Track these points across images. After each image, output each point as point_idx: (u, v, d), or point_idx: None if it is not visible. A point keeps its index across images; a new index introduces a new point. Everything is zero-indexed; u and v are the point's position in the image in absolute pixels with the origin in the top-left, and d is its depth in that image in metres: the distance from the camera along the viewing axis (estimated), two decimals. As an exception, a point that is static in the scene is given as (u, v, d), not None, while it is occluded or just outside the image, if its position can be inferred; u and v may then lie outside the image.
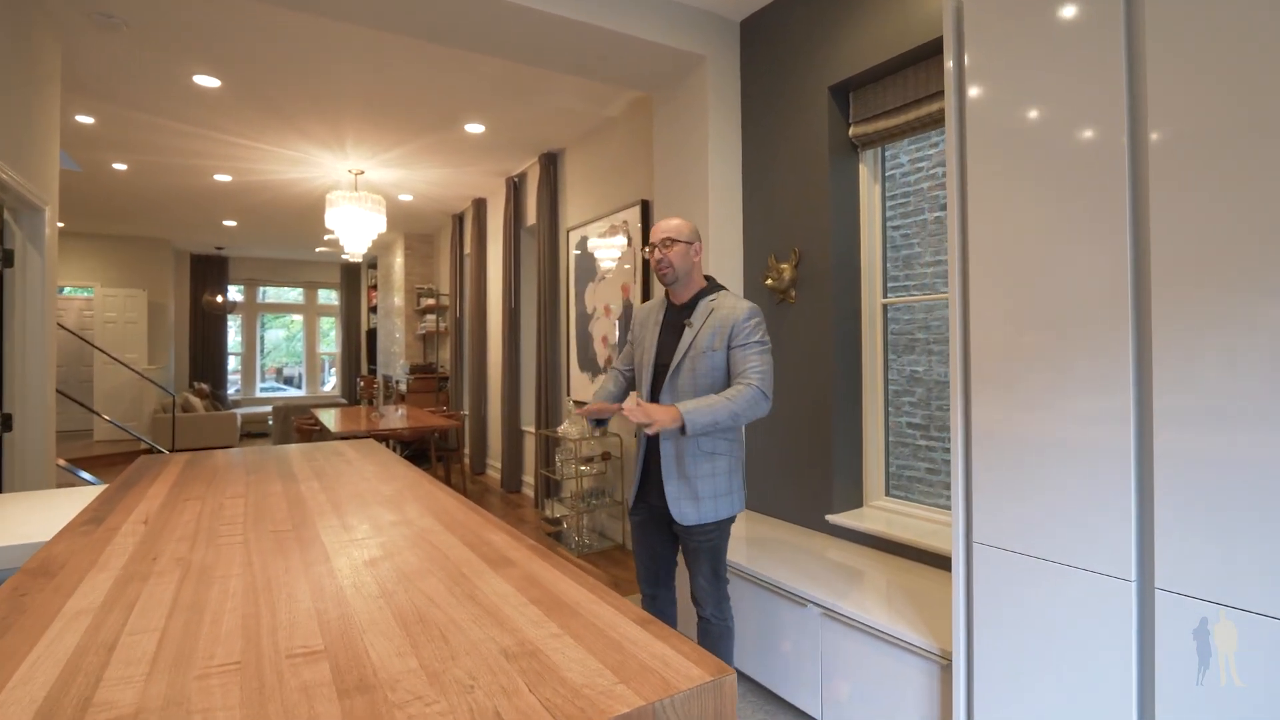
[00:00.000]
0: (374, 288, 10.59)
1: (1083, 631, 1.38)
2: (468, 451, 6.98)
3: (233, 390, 10.99)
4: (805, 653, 2.14)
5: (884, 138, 2.60)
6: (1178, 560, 1.23)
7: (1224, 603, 1.17)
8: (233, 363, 11.00)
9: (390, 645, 0.76)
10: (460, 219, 7.31)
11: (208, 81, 3.73)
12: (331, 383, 12.03)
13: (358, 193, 5.14)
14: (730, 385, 1.91)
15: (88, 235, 8.70)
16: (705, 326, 1.93)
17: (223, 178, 5.82)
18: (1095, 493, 1.36)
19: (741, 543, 2.61)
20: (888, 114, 2.55)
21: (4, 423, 2.63)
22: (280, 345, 12.03)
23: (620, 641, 0.76)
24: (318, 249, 9.99)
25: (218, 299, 10.37)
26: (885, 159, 2.74)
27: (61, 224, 8.05)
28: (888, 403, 2.72)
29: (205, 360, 10.31)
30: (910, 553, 2.39)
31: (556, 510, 4.38)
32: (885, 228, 2.74)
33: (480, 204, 6.59)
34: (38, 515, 1.81)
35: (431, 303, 8.25)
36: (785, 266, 2.85)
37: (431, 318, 8.31)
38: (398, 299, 8.92)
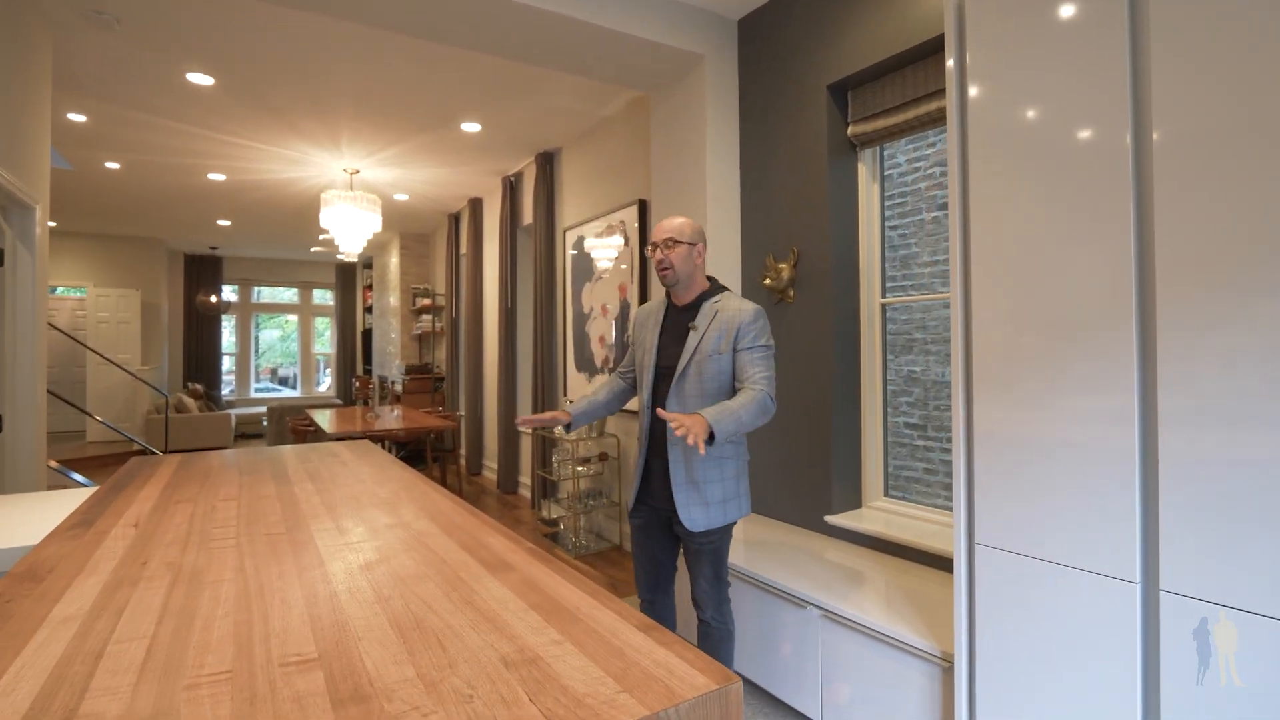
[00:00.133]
0: (369, 288, 10.55)
1: (1086, 634, 1.36)
2: (464, 452, 6.95)
3: (227, 391, 10.92)
4: (805, 655, 2.12)
5: (883, 137, 2.59)
6: (1183, 562, 1.22)
7: (1230, 605, 1.16)
8: (227, 363, 10.94)
9: (386, 653, 0.74)
10: (456, 219, 7.27)
11: (201, 79, 3.70)
12: (326, 383, 11.97)
13: (353, 192, 5.11)
14: (734, 389, 1.89)
15: (80, 235, 8.64)
16: (711, 329, 1.89)
17: (216, 177, 5.78)
18: (1098, 494, 1.35)
19: (740, 544, 2.60)
20: (886, 113, 2.54)
21: (-6, 424, 2.60)
22: (275, 345, 11.97)
23: (622, 648, 0.74)
24: (313, 249, 9.94)
25: (212, 299, 10.31)
26: (884, 158, 2.73)
27: (54, 223, 7.98)
28: (886, 403, 2.71)
29: (199, 361, 10.25)
30: (909, 553, 2.37)
31: (553, 511, 4.35)
32: (884, 227, 2.73)
33: (476, 204, 6.56)
34: (27, 518, 1.78)
35: (427, 303, 8.21)
36: (783, 266, 2.83)
37: (427, 318, 8.28)
38: (393, 299, 8.88)
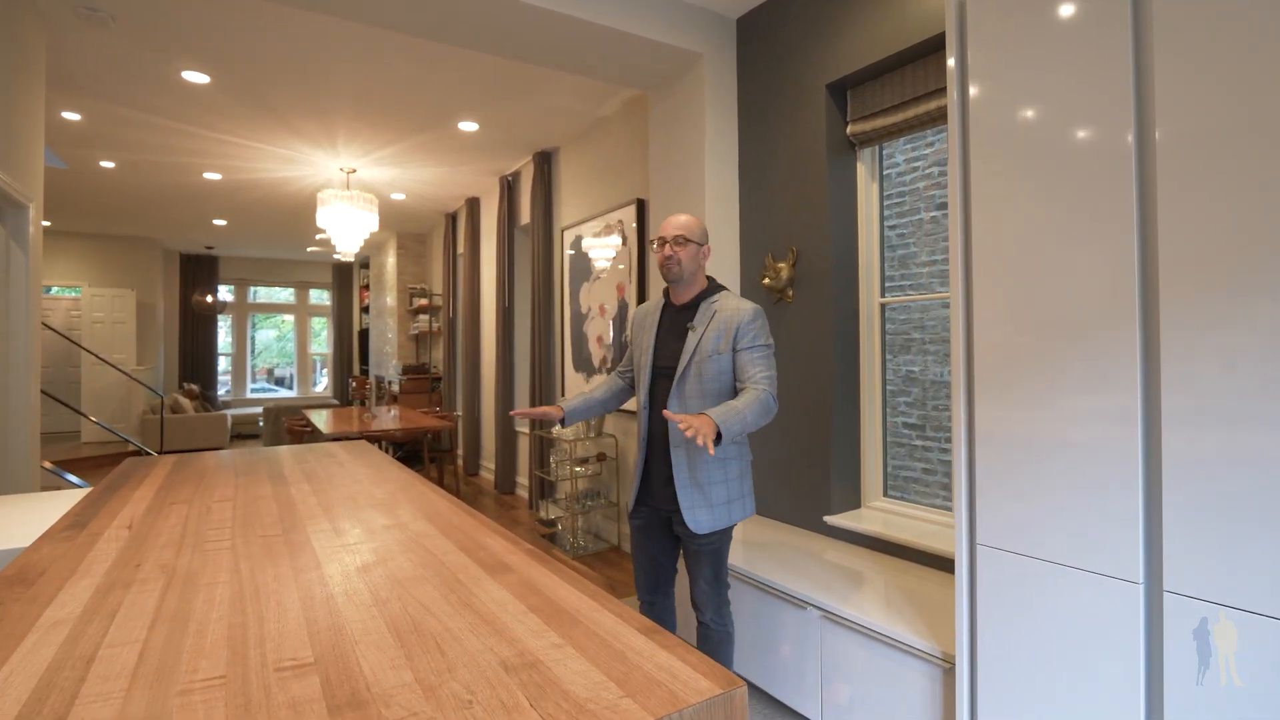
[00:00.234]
0: (366, 288, 10.52)
1: (1089, 634, 1.36)
2: (461, 453, 6.93)
3: (223, 391, 10.88)
4: (805, 656, 2.11)
5: (882, 136, 2.58)
6: (1186, 563, 1.22)
7: (1234, 605, 1.15)
8: (223, 363, 10.90)
9: (384, 657, 0.73)
10: (453, 218, 7.25)
11: (196, 77, 3.68)
12: (323, 383, 11.93)
13: (350, 191, 5.09)
14: (735, 389, 1.88)
15: (75, 234, 8.60)
16: (709, 330, 1.89)
17: (212, 176, 5.75)
18: (1101, 494, 1.34)
19: (739, 545, 2.58)
20: (885, 112, 2.53)
21: (-14, 424, 2.58)
22: (271, 346, 11.92)
23: (624, 652, 0.73)
24: (309, 248, 9.91)
25: (208, 299, 10.27)
26: (882, 158, 2.72)
27: (48, 223, 7.94)
28: (885, 403, 2.71)
29: (195, 361, 10.21)
30: (908, 554, 2.36)
31: (551, 512, 4.34)
32: (882, 227, 2.72)
33: (474, 203, 6.54)
34: (19, 519, 1.76)
35: (424, 303, 8.19)
36: (782, 266, 2.82)
37: (424, 318, 8.26)
38: (390, 299, 8.85)
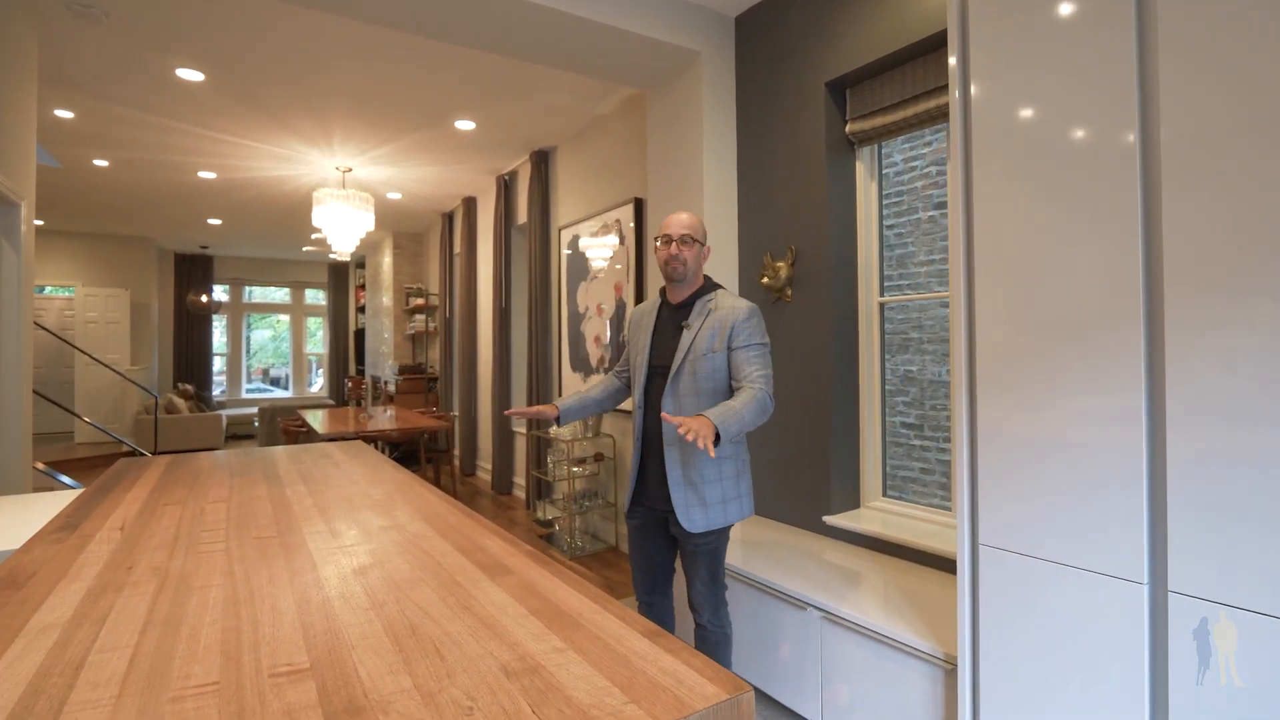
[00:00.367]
0: (362, 287, 10.48)
1: (1092, 635, 1.35)
2: (458, 453, 6.90)
3: (218, 391, 10.83)
4: (805, 657, 2.10)
5: (881, 134, 2.57)
6: (1191, 563, 1.21)
7: (1240, 606, 1.15)
8: (218, 363, 10.85)
9: (381, 662, 0.71)
10: (450, 218, 7.23)
11: (191, 75, 3.65)
12: (319, 384, 11.89)
13: (345, 190, 5.06)
14: (731, 387, 1.87)
15: (68, 234, 8.54)
16: (704, 328, 1.87)
17: (207, 175, 5.72)
18: (1104, 494, 1.33)
19: (738, 545, 2.57)
20: (885, 110, 2.52)
21: (-23, 425, 2.55)
22: (266, 346, 11.87)
23: (628, 656, 0.71)
24: (305, 248, 9.86)
25: (202, 299, 10.22)
26: (881, 156, 2.71)
27: (41, 222, 7.89)
28: (885, 403, 2.70)
29: (190, 361, 10.15)
30: (908, 554, 2.36)
31: (548, 512, 4.32)
32: (881, 226, 2.71)
33: (470, 202, 6.51)
34: (9, 521, 1.74)
35: (421, 302, 8.16)
36: (781, 265, 2.81)
37: (421, 318, 8.23)
38: (386, 299, 8.82)
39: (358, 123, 4.46)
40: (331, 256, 10.74)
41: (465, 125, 4.53)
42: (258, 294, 11.26)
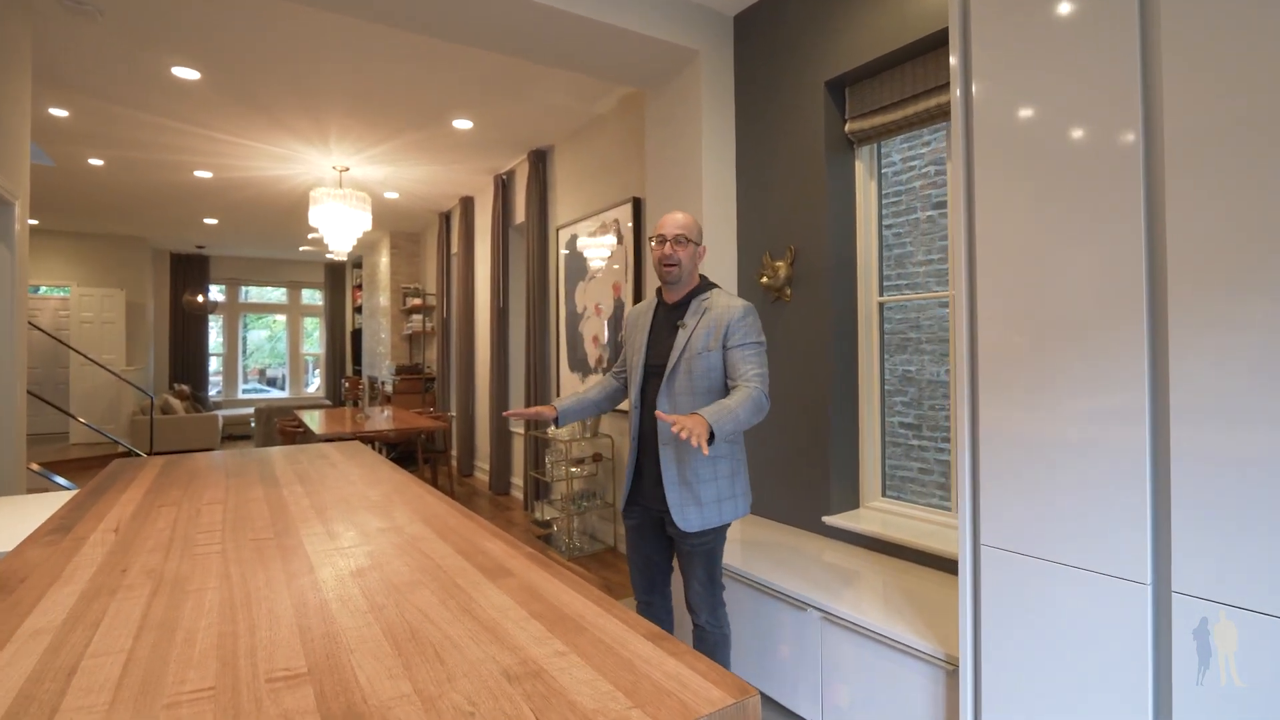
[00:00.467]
0: (359, 287, 10.45)
1: (1095, 636, 1.34)
2: (455, 453, 6.88)
3: (214, 392, 10.79)
4: (805, 658, 2.09)
5: (880, 134, 2.56)
6: (1195, 563, 1.20)
7: (1246, 607, 1.14)
8: (214, 364, 10.81)
9: (381, 667, 0.70)
10: (447, 217, 7.21)
11: (187, 73, 3.63)
12: (315, 384, 11.85)
13: (342, 190, 5.04)
14: (727, 386, 1.86)
15: (64, 233, 8.50)
16: (699, 327, 1.87)
17: (203, 174, 5.69)
18: (1107, 494, 1.32)
19: (738, 546, 2.56)
20: (884, 109, 2.51)
21: (-30, 425, 2.53)
22: (263, 346, 11.83)
23: (631, 660, 0.70)
24: (301, 248, 9.83)
25: (198, 299, 10.18)
26: (880, 156, 2.70)
27: (36, 221, 7.84)
28: (884, 402, 2.69)
29: (186, 361, 10.11)
30: (908, 554, 2.35)
31: (546, 513, 4.31)
32: (881, 225, 2.70)
33: (468, 202, 6.50)
34: (2, 523, 1.72)
35: (418, 302, 8.14)
36: (780, 264, 2.80)
37: (418, 318, 8.20)
38: (383, 299, 8.79)
39: (355, 122, 4.44)
40: (328, 256, 10.72)
41: (463, 124, 4.52)
42: (254, 294, 11.22)
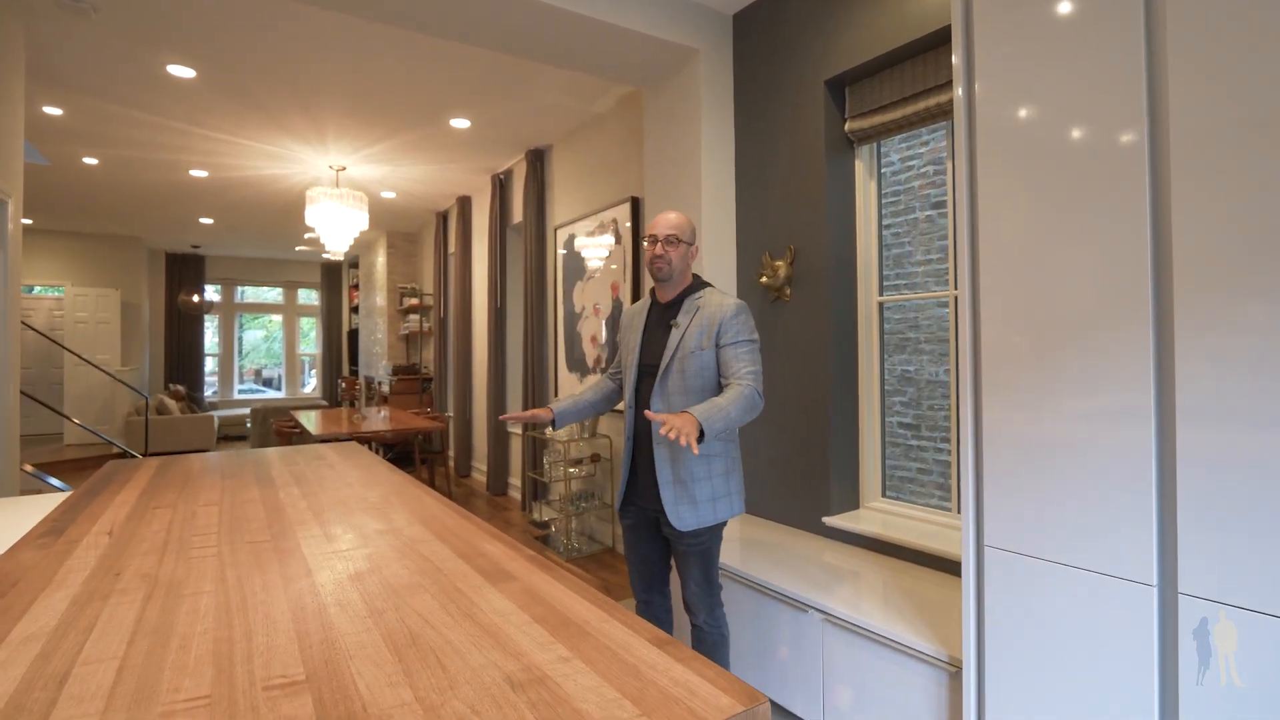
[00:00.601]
0: (355, 287, 10.42)
1: (1101, 638, 1.33)
2: (452, 454, 6.86)
3: (210, 392, 10.74)
4: (806, 660, 2.08)
5: (880, 133, 2.55)
6: (1202, 564, 1.19)
7: (1253, 609, 1.13)
8: (210, 364, 10.76)
9: (381, 673, 0.68)
10: (444, 217, 7.19)
11: (182, 72, 3.60)
12: (312, 384, 11.81)
13: (339, 189, 5.01)
14: (720, 385, 1.85)
15: (58, 233, 8.45)
16: (692, 326, 1.88)
17: (199, 173, 5.66)
18: (1113, 495, 1.31)
19: (737, 546, 2.55)
20: (885, 108, 2.50)
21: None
22: (259, 346, 11.78)
23: (637, 666, 0.69)
24: (297, 248, 9.79)
25: (194, 299, 10.13)
26: (880, 155, 2.69)
27: (30, 220, 7.80)
28: (884, 402, 2.68)
29: (181, 362, 10.06)
30: (908, 554, 2.34)
31: (544, 513, 4.29)
32: (880, 224, 2.69)
33: (465, 201, 6.48)
34: (-5, 525, 1.70)
35: (415, 302, 8.11)
36: (780, 264, 2.79)
37: (415, 318, 8.18)
38: (380, 299, 8.76)
39: (351, 121, 4.42)
40: (325, 256, 10.68)
41: (460, 124, 4.50)
42: (250, 294, 11.17)
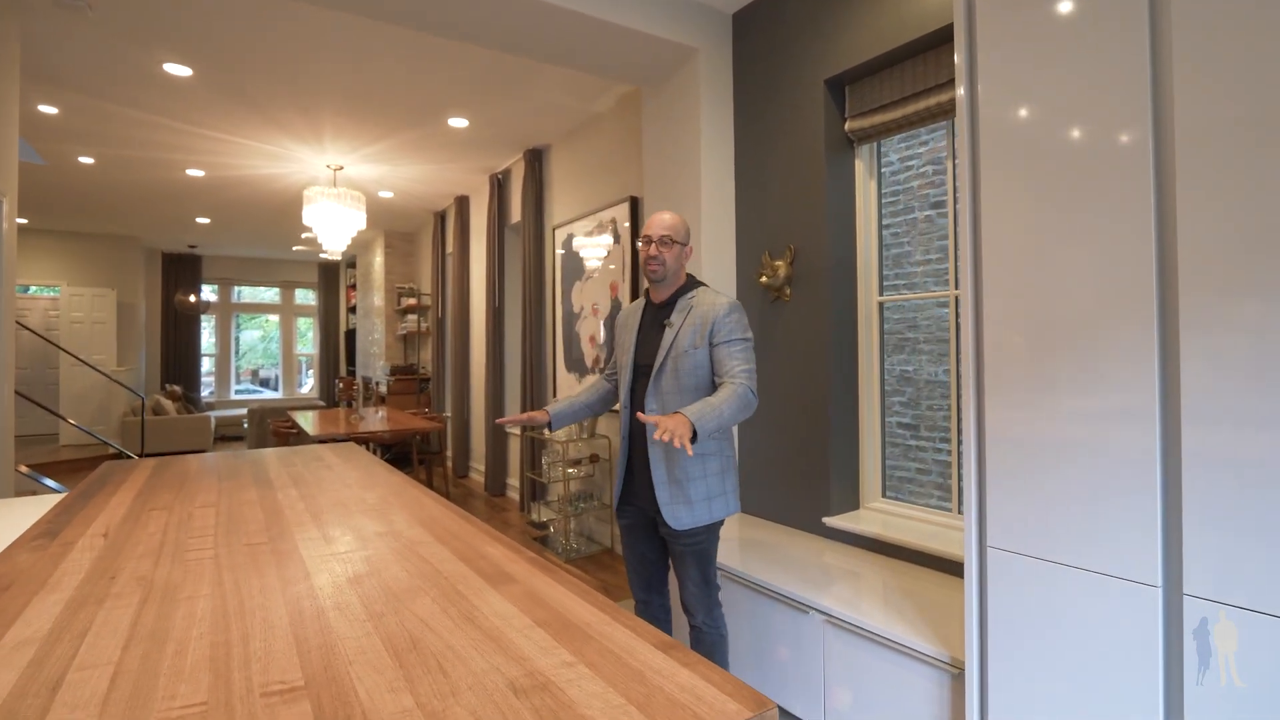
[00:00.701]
0: (353, 287, 10.39)
1: (1105, 639, 1.32)
2: (450, 454, 6.84)
3: (206, 393, 10.70)
4: (807, 661, 2.07)
5: (880, 132, 2.55)
6: (1206, 566, 1.18)
7: (1259, 610, 1.12)
8: (206, 364, 10.72)
9: (381, 679, 0.67)
10: (442, 217, 7.17)
11: (178, 70, 3.58)
12: (309, 384, 11.78)
13: (336, 189, 4.99)
14: (714, 383, 1.85)
15: (54, 232, 8.41)
16: (685, 325, 1.88)
17: (195, 173, 5.63)
18: (1117, 495, 1.30)
19: (737, 547, 2.54)
20: (885, 108, 2.49)
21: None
22: (256, 346, 11.75)
23: (642, 671, 0.68)
24: (295, 247, 9.76)
25: (190, 299, 10.10)
26: (880, 155, 2.69)
27: (25, 220, 7.76)
28: (884, 402, 2.67)
29: (177, 362, 10.03)
30: (908, 555, 2.33)
31: (543, 514, 4.28)
32: (880, 224, 2.69)
33: (463, 201, 6.46)
34: (-11, 527, 1.68)
35: (412, 302, 8.09)
36: (780, 264, 2.78)
37: (412, 318, 8.15)
38: (377, 299, 8.74)
39: (349, 120, 4.40)
40: (322, 256, 10.65)
41: (458, 123, 4.48)
42: (247, 294, 11.14)
